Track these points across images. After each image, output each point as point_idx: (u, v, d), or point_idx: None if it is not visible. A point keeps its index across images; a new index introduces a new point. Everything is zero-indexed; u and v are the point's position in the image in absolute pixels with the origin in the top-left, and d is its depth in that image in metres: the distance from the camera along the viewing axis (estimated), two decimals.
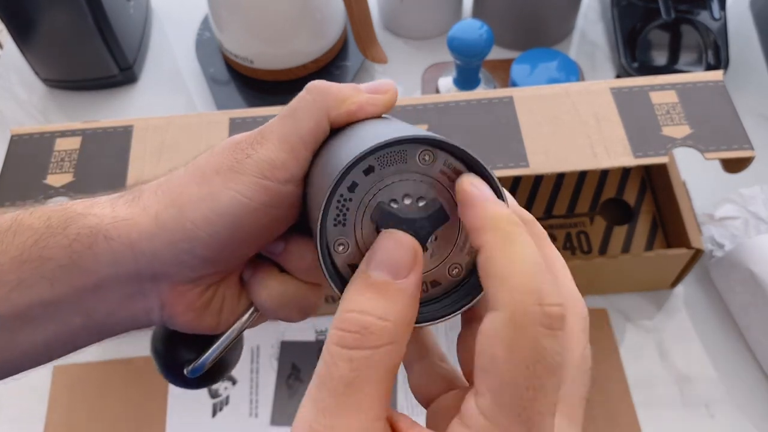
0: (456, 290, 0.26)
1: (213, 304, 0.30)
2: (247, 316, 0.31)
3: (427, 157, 0.24)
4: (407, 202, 0.24)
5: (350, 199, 0.24)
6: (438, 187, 0.24)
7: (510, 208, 0.23)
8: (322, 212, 0.23)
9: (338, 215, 0.24)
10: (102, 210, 0.27)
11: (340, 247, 0.24)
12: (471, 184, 0.23)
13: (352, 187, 0.24)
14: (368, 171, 0.23)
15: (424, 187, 0.24)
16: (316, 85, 0.28)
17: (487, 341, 0.20)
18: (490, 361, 0.20)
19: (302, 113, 0.28)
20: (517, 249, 0.21)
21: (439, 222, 0.24)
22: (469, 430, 0.20)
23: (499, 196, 0.23)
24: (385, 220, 0.24)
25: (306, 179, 0.28)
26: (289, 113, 0.28)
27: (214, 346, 0.31)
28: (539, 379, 0.20)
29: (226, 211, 0.26)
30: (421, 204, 0.24)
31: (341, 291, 0.23)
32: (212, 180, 0.27)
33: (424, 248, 0.24)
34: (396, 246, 0.23)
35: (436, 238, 0.25)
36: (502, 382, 0.20)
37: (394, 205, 0.24)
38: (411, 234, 0.24)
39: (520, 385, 0.19)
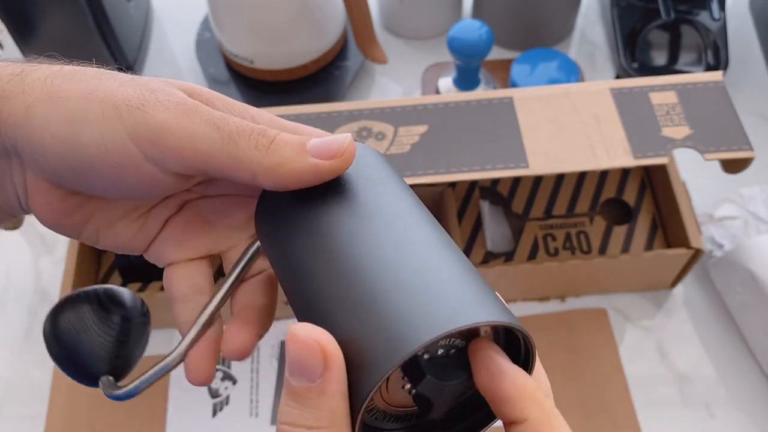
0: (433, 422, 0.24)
1: (76, 215, 0.27)
2: (172, 358, 0.28)
3: None
4: (440, 352, 0.22)
5: None
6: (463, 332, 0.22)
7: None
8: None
9: None
10: None
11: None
12: (497, 352, 0.22)
13: None
14: None
15: (453, 337, 0.22)
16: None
17: None
18: None
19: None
20: (561, 426, 0.21)
21: (463, 371, 0.23)
22: None
23: (531, 357, 0.23)
24: (415, 375, 0.22)
25: (273, 263, 0.26)
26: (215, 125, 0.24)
27: (146, 377, 0.28)
28: None
29: (79, 145, 0.24)
30: (452, 352, 0.22)
31: None
32: (92, 105, 0.24)
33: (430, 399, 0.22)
34: (301, 348, 0.20)
35: None
36: None
37: (426, 356, 0.22)
38: (438, 388, 0.22)
39: None
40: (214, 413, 0.57)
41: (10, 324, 0.63)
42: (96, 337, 0.29)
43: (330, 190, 0.25)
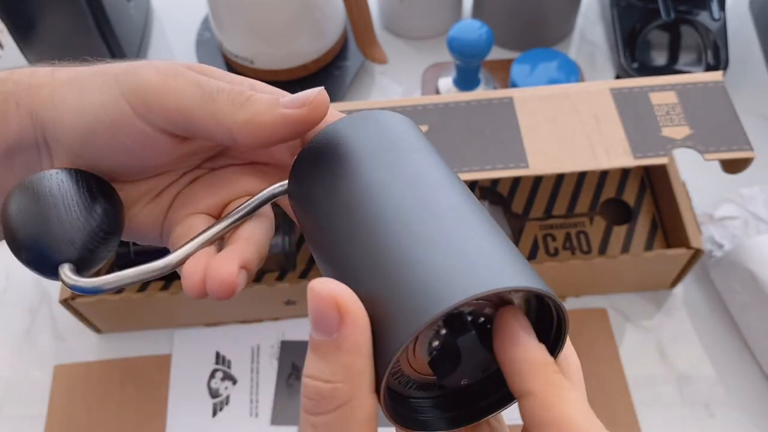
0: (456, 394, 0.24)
1: None
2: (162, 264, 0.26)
3: None
4: (481, 320, 0.22)
5: None
6: (494, 301, 0.22)
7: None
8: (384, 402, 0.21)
9: None
10: (21, 77, 0.27)
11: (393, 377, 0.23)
12: (517, 321, 0.21)
13: None
14: None
15: (483, 305, 0.22)
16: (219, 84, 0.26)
17: None
18: None
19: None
20: (572, 395, 0.21)
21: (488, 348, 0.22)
22: None
23: (562, 329, 0.22)
24: (443, 345, 0.22)
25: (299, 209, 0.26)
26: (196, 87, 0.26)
27: (123, 274, 0.25)
28: None
29: (83, 112, 0.26)
30: (480, 320, 0.22)
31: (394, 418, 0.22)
32: (98, 77, 0.26)
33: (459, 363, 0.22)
34: (317, 301, 0.20)
35: None
36: None
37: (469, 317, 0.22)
38: (459, 354, 0.21)
39: None
40: (214, 413, 0.57)
41: (10, 324, 0.63)
42: (75, 218, 0.25)
43: (359, 154, 0.25)
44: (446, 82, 0.70)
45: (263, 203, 0.28)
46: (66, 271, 0.25)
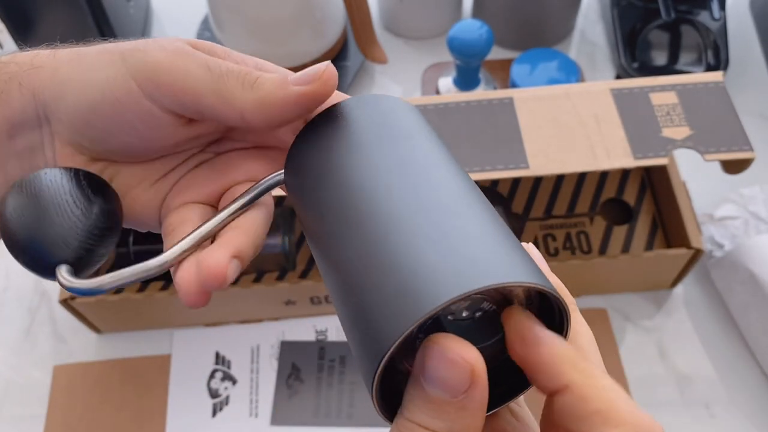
0: None
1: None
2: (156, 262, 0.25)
3: None
4: (464, 314, 0.21)
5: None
6: (493, 295, 0.22)
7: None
8: (374, 395, 0.20)
9: None
10: (24, 58, 0.27)
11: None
12: (531, 319, 0.21)
13: None
14: None
15: (480, 300, 0.21)
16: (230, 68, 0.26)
17: None
18: None
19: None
20: (605, 383, 0.20)
21: (490, 336, 0.22)
22: None
23: (565, 321, 0.22)
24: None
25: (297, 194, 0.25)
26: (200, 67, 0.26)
27: (119, 274, 0.24)
28: None
29: (88, 90, 0.26)
30: (477, 315, 0.22)
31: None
32: (103, 56, 0.26)
33: None
34: (449, 367, 0.19)
35: None
36: None
37: (450, 317, 0.21)
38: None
39: None
40: (214, 413, 0.57)
41: (10, 324, 0.63)
42: (68, 218, 0.25)
43: (351, 142, 0.25)
44: (446, 82, 0.70)
45: (261, 194, 0.27)
46: (63, 272, 0.24)
